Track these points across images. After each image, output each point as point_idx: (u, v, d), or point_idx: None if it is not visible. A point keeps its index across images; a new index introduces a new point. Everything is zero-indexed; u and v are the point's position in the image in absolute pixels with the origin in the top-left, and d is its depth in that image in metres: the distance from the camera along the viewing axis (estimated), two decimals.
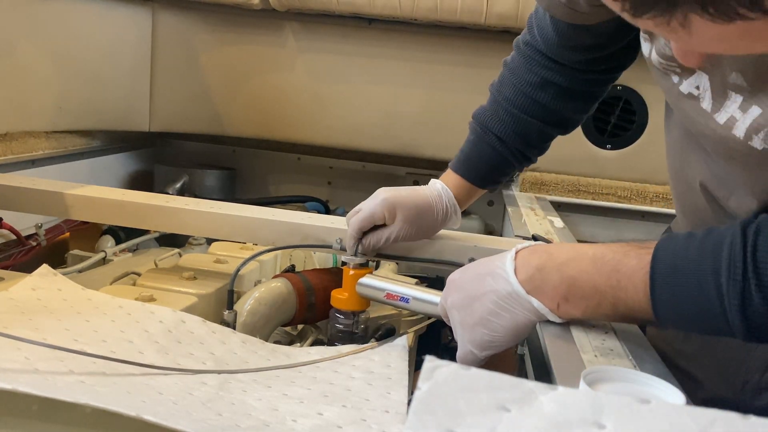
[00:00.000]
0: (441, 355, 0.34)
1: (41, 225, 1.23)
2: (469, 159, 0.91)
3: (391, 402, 0.67)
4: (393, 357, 0.78)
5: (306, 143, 1.78)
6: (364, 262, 0.88)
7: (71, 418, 0.55)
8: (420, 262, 0.94)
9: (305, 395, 0.67)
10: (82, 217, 1.06)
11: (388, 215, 0.85)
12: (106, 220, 1.04)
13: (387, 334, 0.90)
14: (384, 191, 0.86)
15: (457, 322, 0.66)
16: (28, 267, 0.96)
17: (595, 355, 0.59)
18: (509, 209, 1.38)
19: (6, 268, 1.05)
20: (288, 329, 0.99)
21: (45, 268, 0.85)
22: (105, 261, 1.17)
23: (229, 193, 1.84)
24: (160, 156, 1.92)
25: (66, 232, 1.31)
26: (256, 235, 0.98)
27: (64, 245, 1.31)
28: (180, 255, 1.16)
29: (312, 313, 0.94)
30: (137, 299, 0.82)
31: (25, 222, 1.21)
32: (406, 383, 0.72)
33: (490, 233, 1.74)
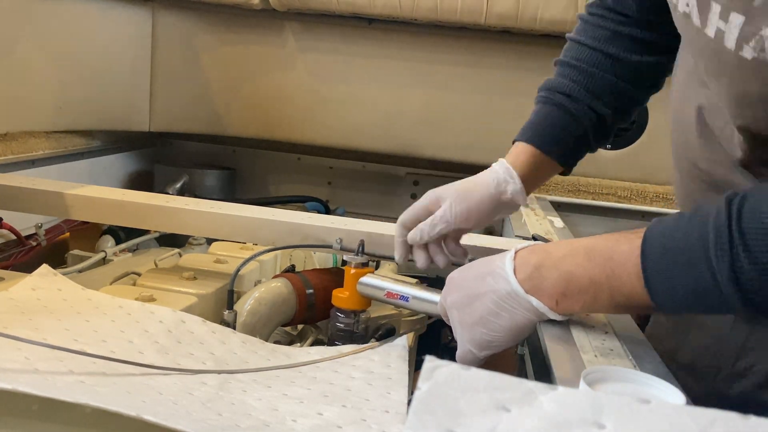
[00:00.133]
0: (441, 355, 0.34)
1: (41, 225, 1.23)
2: (533, 124, 0.83)
3: (391, 402, 0.67)
4: (393, 357, 0.78)
5: (306, 143, 1.79)
6: (365, 261, 0.88)
7: (71, 418, 0.55)
8: None
9: (305, 395, 0.67)
10: (82, 217, 1.06)
11: (431, 205, 0.80)
12: (106, 220, 1.04)
13: (387, 334, 0.90)
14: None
15: (457, 321, 0.66)
16: (28, 267, 0.96)
17: (595, 355, 0.59)
18: None
19: (6, 268, 1.05)
20: (288, 329, 0.99)
21: (45, 268, 0.85)
22: (105, 261, 1.17)
23: (229, 193, 1.84)
24: (160, 156, 1.92)
25: (66, 232, 1.31)
26: (256, 235, 0.98)
27: (64, 245, 1.31)
28: (180, 255, 1.16)
29: (312, 313, 0.94)
30: (137, 299, 0.82)
31: (25, 222, 1.21)
32: (406, 383, 0.72)
33: (489, 233, 1.74)
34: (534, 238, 1.03)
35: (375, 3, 1.52)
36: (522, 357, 0.87)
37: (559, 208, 1.49)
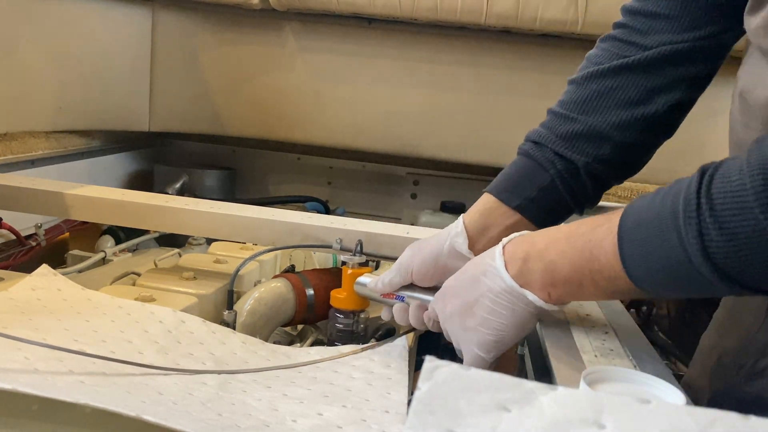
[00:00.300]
0: (441, 355, 0.34)
1: (41, 225, 1.23)
2: (501, 173, 0.78)
3: (391, 402, 0.67)
4: (393, 357, 0.78)
5: (306, 143, 1.78)
6: (363, 261, 0.88)
7: (71, 418, 0.55)
8: None
9: (305, 395, 0.67)
10: (81, 217, 1.06)
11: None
12: (105, 220, 1.04)
13: (387, 334, 0.90)
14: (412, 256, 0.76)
15: (458, 327, 0.66)
16: (27, 267, 0.96)
17: (595, 356, 0.59)
18: None
19: (6, 268, 1.05)
20: (288, 329, 0.99)
21: (45, 268, 0.85)
22: (105, 261, 1.17)
23: (229, 193, 1.84)
24: (160, 156, 1.92)
25: (66, 232, 1.31)
26: (256, 235, 0.98)
27: (63, 245, 1.31)
28: (180, 255, 1.16)
29: (312, 313, 0.94)
30: (137, 299, 0.82)
31: (25, 222, 1.21)
32: (406, 383, 0.72)
33: None
34: None
35: (375, 3, 1.52)
36: (522, 357, 0.87)
37: None
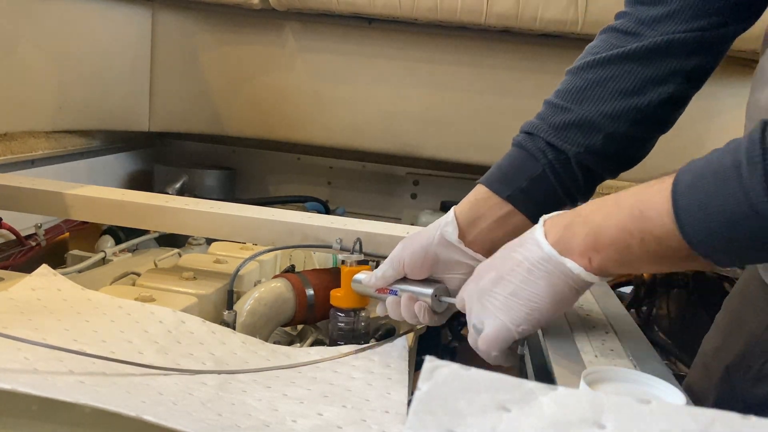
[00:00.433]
0: (441, 355, 0.34)
1: (41, 225, 1.23)
2: (494, 165, 0.77)
3: (391, 402, 0.67)
4: (393, 357, 0.78)
5: (306, 143, 1.78)
6: (362, 259, 0.88)
7: (71, 418, 0.55)
8: None
9: (305, 395, 0.67)
10: (81, 217, 1.06)
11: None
12: (105, 220, 1.04)
13: (387, 334, 0.90)
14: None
15: (489, 300, 0.61)
16: (27, 267, 0.96)
17: (596, 356, 0.59)
18: None
19: (6, 268, 1.05)
20: (288, 329, 0.99)
21: (45, 268, 0.85)
22: (105, 261, 1.17)
23: (229, 193, 1.84)
24: (159, 156, 1.92)
25: (66, 232, 1.31)
26: (256, 235, 0.98)
27: (63, 245, 1.31)
28: (180, 255, 1.16)
29: (312, 313, 0.94)
30: (137, 299, 0.82)
31: (25, 222, 1.21)
32: (406, 383, 0.72)
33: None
34: None
35: (375, 3, 1.52)
36: (522, 357, 0.87)
37: None
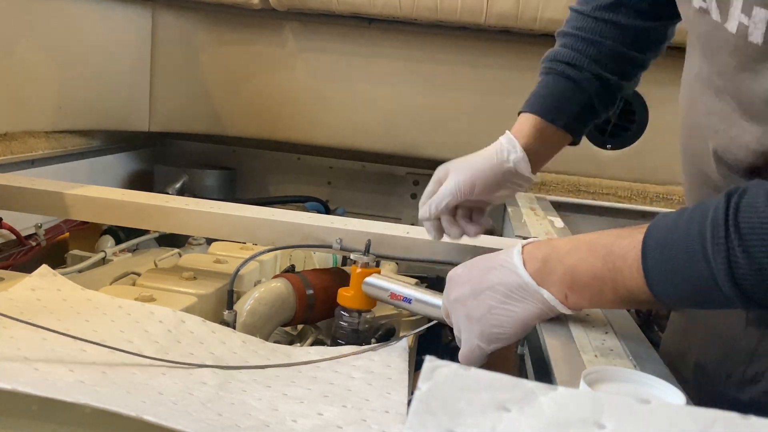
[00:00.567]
0: (441, 355, 0.34)
1: (41, 225, 1.23)
2: (537, 95, 0.85)
3: (391, 402, 0.67)
4: (393, 357, 0.78)
5: (306, 143, 1.78)
6: (372, 261, 0.88)
7: (71, 418, 0.55)
8: (420, 262, 0.94)
9: (305, 395, 0.67)
10: (81, 217, 1.06)
11: (442, 178, 0.83)
12: (106, 220, 1.04)
13: (387, 334, 0.90)
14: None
15: (462, 315, 0.66)
16: (27, 267, 0.96)
17: (595, 355, 0.59)
18: (509, 209, 1.38)
19: (6, 268, 1.05)
20: (288, 329, 0.99)
21: (45, 268, 0.85)
22: (105, 261, 1.17)
23: (229, 193, 1.84)
24: (160, 156, 1.92)
25: (66, 232, 1.31)
26: (256, 235, 0.98)
27: (63, 245, 1.31)
28: (180, 255, 1.16)
29: (312, 313, 0.94)
30: (137, 299, 0.82)
31: (25, 222, 1.21)
32: (406, 383, 0.72)
33: (490, 233, 1.74)
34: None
35: (375, 3, 1.52)
36: (522, 357, 0.87)
37: (559, 208, 1.48)
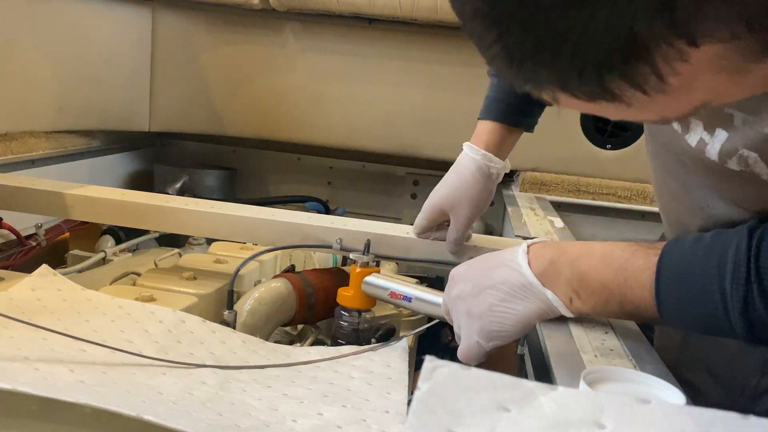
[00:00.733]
0: (441, 355, 0.34)
1: (41, 225, 1.23)
2: (495, 100, 0.87)
3: (391, 402, 0.67)
4: (393, 357, 0.78)
5: (306, 143, 1.78)
6: (372, 260, 0.88)
7: (71, 418, 0.55)
8: (420, 262, 0.94)
9: (305, 395, 0.67)
10: (82, 217, 1.06)
11: (446, 211, 0.88)
12: (106, 220, 1.04)
13: (387, 334, 0.90)
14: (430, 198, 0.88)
15: (463, 312, 0.66)
16: (28, 267, 0.96)
17: (595, 355, 0.59)
18: (509, 209, 1.38)
19: (6, 268, 1.05)
20: (288, 329, 0.99)
21: (45, 268, 0.85)
22: (105, 261, 1.17)
23: (229, 193, 1.84)
24: (160, 156, 1.92)
25: (66, 232, 1.31)
26: (256, 235, 0.98)
27: (64, 245, 1.31)
28: (180, 255, 1.16)
29: (312, 313, 0.94)
30: (137, 299, 0.82)
31: (25, 222, 1.21)
32: (406, 383, 0.72)
33: (489, 233, 1.74)
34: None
35: (375, 3, 1.52)
36: (522, 357, 0.87)
37: (559, 208, 1.49)
